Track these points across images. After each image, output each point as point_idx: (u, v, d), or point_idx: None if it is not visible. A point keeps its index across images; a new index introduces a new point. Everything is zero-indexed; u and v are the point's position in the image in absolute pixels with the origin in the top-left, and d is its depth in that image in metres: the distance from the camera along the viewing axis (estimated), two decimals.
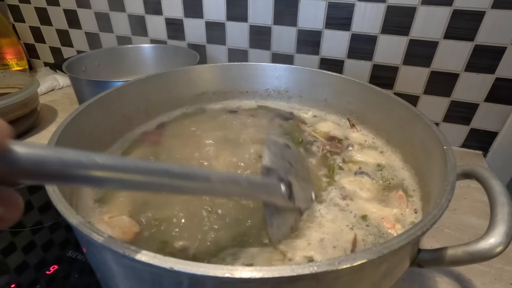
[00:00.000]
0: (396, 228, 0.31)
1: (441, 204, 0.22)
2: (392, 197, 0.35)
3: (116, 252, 0.17)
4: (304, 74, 0.52)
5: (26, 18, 1.02)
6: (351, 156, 0.42)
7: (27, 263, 0.42)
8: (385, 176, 0.38)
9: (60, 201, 0.21)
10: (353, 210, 0.34)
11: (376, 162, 0.40)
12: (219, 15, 0.78)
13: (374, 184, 0.37)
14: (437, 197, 0.24)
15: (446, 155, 0.28)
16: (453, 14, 0.61)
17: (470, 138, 0.72)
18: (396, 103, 0.40)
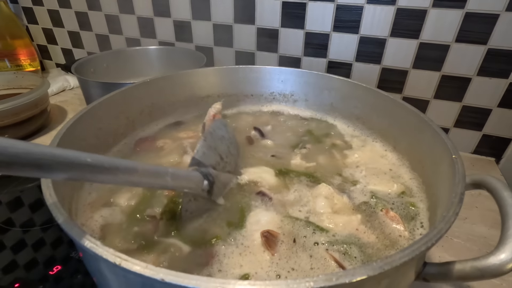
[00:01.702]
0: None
1: (448, 217, 0.21)
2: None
3: (108, 261, 0.17)
4: (309, 78, 0.51)
5: (39, 20, 1.04)
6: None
7: (32, 263, 0.42)
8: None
9: (56, 206, 0.21)
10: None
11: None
12: (227, 17, 0.78)
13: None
14: (444, 209, 0.23)
15: (455, 165, 0.27)
16: (466, 17, 0.59)
17: (482, 145, 0.70)
18: (404, 109, 0.39)
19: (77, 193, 0.33)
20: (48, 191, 0.22)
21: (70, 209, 0.28)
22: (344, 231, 0.30)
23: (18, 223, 0.48)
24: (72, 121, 0.33)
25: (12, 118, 0.69)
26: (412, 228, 0.31)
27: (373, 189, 0.36)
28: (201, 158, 0.32)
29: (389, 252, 0.29)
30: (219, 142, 0.36)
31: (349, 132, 0.48)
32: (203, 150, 0.33)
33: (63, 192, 0.26)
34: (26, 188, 0.57)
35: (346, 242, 0.29)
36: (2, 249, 0.44)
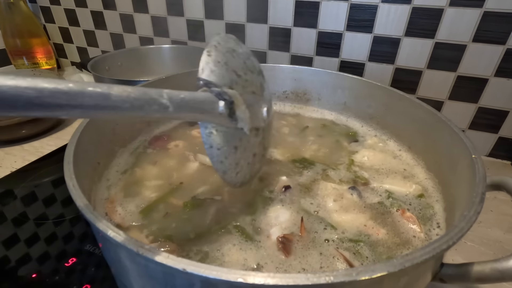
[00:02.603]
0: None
1: (469, 216, 0.21)
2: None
3: (131, 250, 0.17)
4: (323, 77, 0.51)
5: (56, 19, 1.07)
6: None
7: (48, 255, 0.43)
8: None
9: (79, 197, 0.21)
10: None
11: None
12: (240, 16, 0.78)
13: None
14: (464, 208, 0.23)
15: (475, 165, 0.27)
16: (484, 16, 0.58)
17: (498, 147, 0.68)
18: (420, 108, 0.39)
19: (95, 186, 0.33)
20: (71, 182, 0.23)
21: (89, 201, 0.28)
22: (353, 228, 0.30)
23: (33, 217, 0.49)
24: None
25: None
26: (428, 229, 0.30)
27: (389, 189, 0.35)
28: (209, 77, 0.25)
29: (400, 251, 0.28)
30: (230, 56, 0.28)
31: (363, 131, 0.48)
32: (209, 67, 0.26)
33: (84, 184, 0.27)
34: (41, 183, 0.58)
35: (356, 240, 0.29)
36: (17, 241, 0.45)
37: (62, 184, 0.57)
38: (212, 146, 0.26)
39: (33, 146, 0.73)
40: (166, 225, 0.30)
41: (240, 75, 0.28)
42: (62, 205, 0.52)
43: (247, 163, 0.29)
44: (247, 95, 0.28)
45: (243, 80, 0.29)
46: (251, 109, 0.28)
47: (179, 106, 0.21)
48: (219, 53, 0.27)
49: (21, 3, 0.95)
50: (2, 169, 0.64)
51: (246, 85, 0.29)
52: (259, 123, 0.30)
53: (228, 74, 0.27)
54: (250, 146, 0.29)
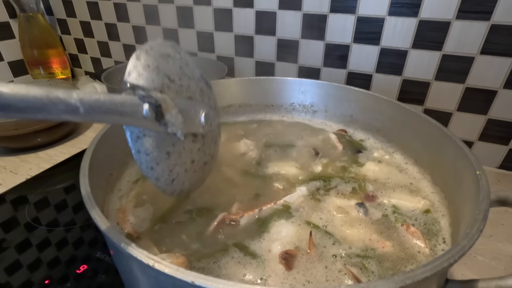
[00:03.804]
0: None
1: (472, 234, 0.21)
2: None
3: (143, 263, 0.18)
4: (330, 89, 0.52)
5: (72, 30, 1.11)
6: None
7: (60, 261, 0.45)
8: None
9: (93, 207, 0.23)
10: None
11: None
12: (248, 29, 0.80)
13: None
14: (468, 225, 0.23)
15: (479, 181, 0.27)
16: (491, 28, 0.58)
17: (509, 159, 0.67)
18: (426, 122, 0.39)
19: (108, 196, 0.35)
20: (87, 195, 0.24)
21: (102, 211, 0.29)
22: (359, 242, 0.30)
23: (45, 223, 0.51)
24: (105, 129, 0.35)
25: (45, 123, 0.74)
26: (434, 244, 0.30)
27: (396, 204, 0.35)
28: (136, 81, 0.24)
29: (404, 266, 0.29)
30: (163, 61, 0.27)
31: (370, 144, 0.48)
32: (137, 70, 0.24)
33: (97, 196, 0.28)
34: (55, 190, 0.60)
35: (363, 256, 0.29)
36: (29, 246, 0.46)
37: (73, 190, 0.59)
38: (140, 151, 0.25)
39: (48, 153, 0.76)
40: (174, 236, 0.31)
41: (174, 80, 0.27)
42: (74, 211, 0.54)
43: (184, 170, 0.28)
44: (181, 100, 0.27)
45: (177, 85, 0.27)
46: (186, 114, 0.27)
47: (91, 107, 0.19)
48: (150, 57, 0.26)
49: (40, 16, 0.99)
50: (18, 176, 0.67)
51: (181, 90, 0.28)
52: (196, 129, 0.29)
53: (158, 78, 0.25)
54: (186, 152, 0.28)
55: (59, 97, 0.18)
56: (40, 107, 0.17)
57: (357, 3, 0.66)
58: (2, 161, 0.71)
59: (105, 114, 0.21)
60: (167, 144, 0.26)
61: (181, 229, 0.32)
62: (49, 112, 0.18)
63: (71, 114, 0.19)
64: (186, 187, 0.29)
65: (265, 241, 0.30)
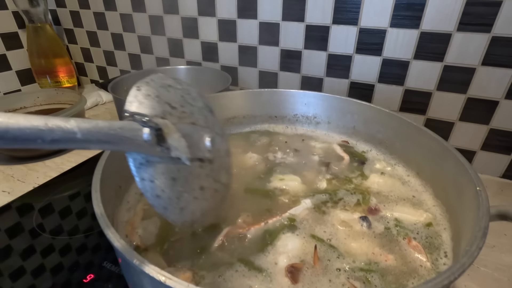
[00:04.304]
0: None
1: (471, 252, 0.22)
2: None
3: (154, 279, 0.19)
4: (332, 101, 0.53)
5: (79, 40, 1.13)
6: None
7: (67, 270, 0.45)
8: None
9: (108, 226, 0.23)
10: None
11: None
12: (252, 39, 0.82)
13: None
14: (468, 242, 0.24)
15: (479, 197, 0.27)
16: (492, 40, 0.59)
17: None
18: (427, 136, 0.40)
19: (117, 209, 0.35)
20: (99, 210, 0.25)
21: (112, 225, 0.30)
22: (362, 256, 0.31)
23: (52, 232, 0.52)
24: None
25: None
26: (435, 258, 0.31)
27: (398, 217, 0.36)
28: (138, 109, 0.24)
29: (406, 280, 0.29)
30: (164, 90, 0.27)
31: (372, 155, 0.49)
32: (138, 100, 0.24)
33: (108, 209, 0.29)
34: (61, 197, 0.61)
35: (366, 270, 0.30)
36: (33, 253, 0.47)
37: (77, 197, 0.60)
38: (144, 178, 0.24)
39: (55, 162, 0.77)
40: (181, 249, 0.32)
41: (175, 107, 0.27)
42: (78, 219, 0.55)
43: (193, 197, 0.27)
44: (184, 125, 0.27)
45: (179, 111, 0.27)
46: (190, 138, 0.26)
47: (89, 132, 0.19)
48: (151, 87, 0.26)
49: (47, 27, 1.02)
50: (25, 184, 0.68)
51: (184, 116, 0.27)
52: (202, 153, 0.28)
53: (160, 105, 0.25)
54: (193, 177, 0.27)
55: (56, 123, 0.18)
56: (37, 134, 0.17)
57: (359, 15, 0.68)
58: (10, 169, 0.73)
59: (104, 140, 0.20)
60: (172, 170, 0.25)
61: (187, 243, 0.32)
62: (46, 138, 0.17)
63: (69, 141, 0.18)
64: (198, 216, 0.28)
65: (270, 254, 0.31)
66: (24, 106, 0.88)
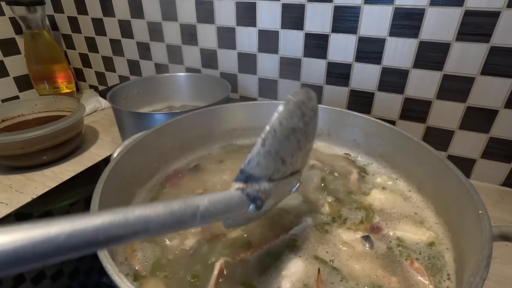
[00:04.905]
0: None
1: (475, 283, 0.22)
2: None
3: None
4: (332, 114, 0.52)
5: (77, 46, 1.12)
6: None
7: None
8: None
9: (115, 273, 0.23)
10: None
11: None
12: (251, 47, 0.81)
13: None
14: (471, 272, 0.24)
15: (481, 222, 0.27)
16: (491, 50, 0.59)
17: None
18: (427, 152, 0.39)
19: None
20: (105, 257, 0.24)
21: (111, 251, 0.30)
22: (365, 278, 0.31)
23: None
24: (113, 163, 0.36)
25: (52, 141, 0.75)
26: (438, 280, 0.31)
27: (401, 236, 0.36)
28: (253, 170, 0.24)
29: None
30: (285, 142, 0.25)
31: (372, 169, 0.49)
32: (257, 159, 0.24)
33: None
34: (56, 208, 0.60)
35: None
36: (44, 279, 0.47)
37: (77, 208, 0.60)
38: (229, 218, 0.25)
39: (53, 171, 0.76)
40: (182, 275, 0.31)
41: (286, 161, 0.26)
42: None
43: (263, 211, 0.29)
44: (283, 181, 0.27)
45: (287, 164, 0.27)
46: (281, 191, 0.28)
47: (206, 218, 0.20)
48: (275, 141, 0.25)
49: (45, 33, 1.01)
50: (24, 195, 0.67)
51: (288, 169, 0.27)
52: (283, 198, 0.31)
53: (273, 164, 0.25)
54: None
55: (184, 217, 0.19)
56: (170, 225, 0.18)
57: (358, 24, 0.67)
58: (8, 179, 0.72)
59: (215, 217, 0.21)
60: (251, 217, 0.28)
61: (188, 268, 0.32)
62: (174, 229, 0.19)
63: (187, 227, 0.20)
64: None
65: (273, 278, 0.30)
66: (22, 114, 0.87)
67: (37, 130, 0.70)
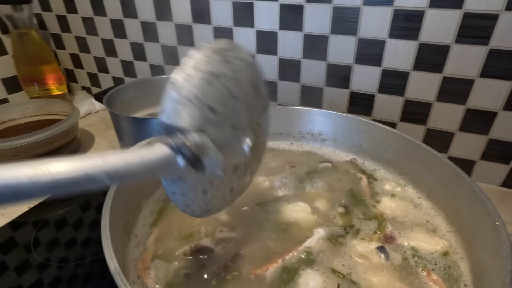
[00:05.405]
0: None
1: None
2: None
3: None
4: (338, 120, 0.52)
5: (67, 45, 1.08)
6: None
7: None
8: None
9: (124, 283, 0.22)
10: None
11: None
12: (250, 48, 0.80)
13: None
14: (493, 285, 0.24)
15: (500, 234, 0.27)
16: (490, 53, 0.59)
17: (511, 178, 0.69)
18: (438, 161, 0.39)
19: (126, 247, 0.34)
20: (112, 263, 0.24)
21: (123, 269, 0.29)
22: None
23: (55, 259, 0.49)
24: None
25: (46, 147, 0.72)
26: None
27: (415, 246, 0.35)
28: (173, 120, 0.21)
29: None
30: (207, 87, 0.23)
31: (380, 175, 0.49)
32: (174, 107, 0.21)
33: (119, 253, 0.28)
34: (54, 216, 0.58)
35: None
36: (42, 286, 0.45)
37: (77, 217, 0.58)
38: (175, 192, 0.23)
39: None
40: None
41: (216, 109, 0.23)
42: (85, 249, 0.52)
43: (222, 198, 0.27)
44: (222, 134, 0.24)
45: (220, 114, 0.24)
46: (227, 147, 0.24)
47: (118, 176, 0.18)
48: (191, 85, 0.22)
49: (33, 32, 0.97)
50: (19, 205, 0.65)
51: (224, 119, 0.24)
52: (238, 159, 0.26)
53: (199, 111, 0.22)
54: (224, 184, 0.26)
55: (86, 173, 0.17)
56: (65, 185, 0.17)
57: (358, 26, 0.67)
58: None
59: (135, 173, 0.19)
60: (204, 183, 0.24)
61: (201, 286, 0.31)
62: (72, 189, 0.17)
63: (97, 185, 0.18)
64: (222, 208, 0.29)
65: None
66: (13, 118, 0.84)
67: (30, 136, 0.68)
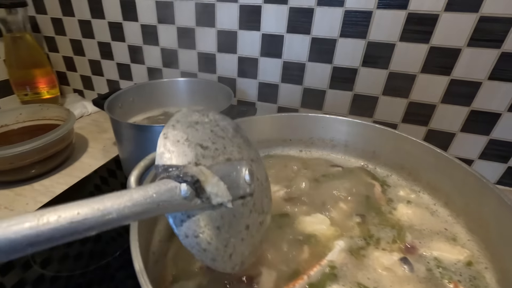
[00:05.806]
0: None
1: None
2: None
3: None
4: (351, 126, 0.51)
5: (60, 48, 1.05)
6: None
7: None
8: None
9: None
10: None
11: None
12: (253, 51, 0.79)
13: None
14: None
15: None
16: (501, 56, 0.59)
17: (507, 176, 0.70)
18: (460, 170, 0.38)
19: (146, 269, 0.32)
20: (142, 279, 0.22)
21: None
22: None
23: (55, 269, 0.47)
24: None
25: (42, 154, 0.70)
26: None
27: (438, 256, 0.35)
28: (169, 161, 0.23)
29: None
30: (192, 130, 0.26)
31: (393, 181, 0.48)
32: (167, 149, 0.24)
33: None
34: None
35: None
36: None
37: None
38: (188, 235, 0.22)
39: (43, 185, 0.71)
40: None
41: (207, 146, 0.26)
42: (91, 260, 0.50)
43: (240, 239, 0.26)
44: (220, 165, 0.25)
45: (212, 150, 0.26)
46: (228, 178, 0.25)
47: (124, 212, 0.19)
48: (178, 131, 0.25)
49: (27, 36, 0.94)
50: (14, 213, 0.62)
51: (217, 154, 0.26)
52: (243, 190, 0.26)
53: (190, 149, 0.24)
54: (237, 219, 0.26)
55: (88, 214, 0.18)
56: (71, 230, 0.17)
57: (369, 29, 0.66)
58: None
59: (141, 212, 0.19)
60: (215, 218, 0.24)
61: None
62: (80, 231, 0.17)
63: (104, 225, 0.18)
64: (247, 256, 0.27)
65: None
66: (6, 124, 0.81)
67: (26, 144, 0.65)
